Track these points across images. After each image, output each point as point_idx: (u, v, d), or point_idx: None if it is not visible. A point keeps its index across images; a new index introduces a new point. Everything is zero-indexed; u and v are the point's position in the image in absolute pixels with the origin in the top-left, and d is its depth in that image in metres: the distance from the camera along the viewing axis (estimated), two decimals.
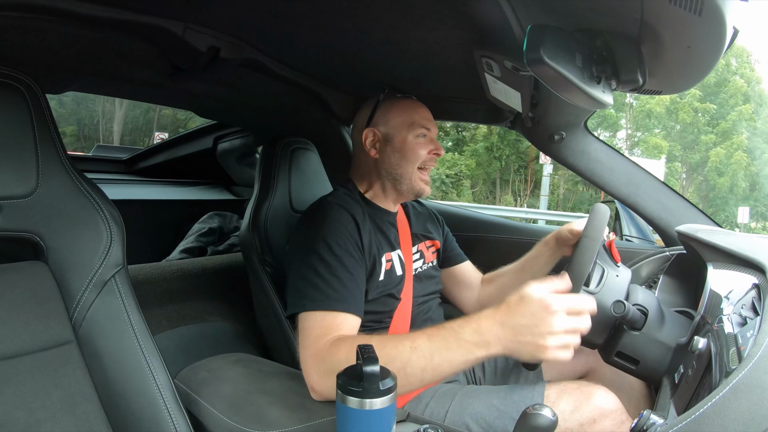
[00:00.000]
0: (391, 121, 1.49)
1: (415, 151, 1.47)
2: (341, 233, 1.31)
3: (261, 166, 1.81)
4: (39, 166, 0.98)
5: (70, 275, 0.99)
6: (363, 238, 1.35)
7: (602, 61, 0.88)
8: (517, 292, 1.07)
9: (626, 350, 1.19)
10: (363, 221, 1.38)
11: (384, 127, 1.49)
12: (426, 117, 1.52)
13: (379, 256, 1.40)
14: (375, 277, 1.37)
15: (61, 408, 0.91)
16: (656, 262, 1.81)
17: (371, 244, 1.38)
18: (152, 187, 2.82)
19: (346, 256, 1.28)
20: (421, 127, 1.49)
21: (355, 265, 1.29)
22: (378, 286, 1.38)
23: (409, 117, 1.49)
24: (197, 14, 1.25)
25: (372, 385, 0.86)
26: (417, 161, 1.47)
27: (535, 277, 1.53)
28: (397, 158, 1.48)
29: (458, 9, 1.09)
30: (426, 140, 1.50)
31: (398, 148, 1.47)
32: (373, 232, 1.41)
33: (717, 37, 0.73)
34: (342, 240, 1.30)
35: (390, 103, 1.51)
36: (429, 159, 1.50)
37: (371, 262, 1.37)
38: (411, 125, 1.48)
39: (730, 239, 1.29)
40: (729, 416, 0.66)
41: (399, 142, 1.47)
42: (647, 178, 1.84)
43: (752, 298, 1.03)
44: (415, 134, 1.48)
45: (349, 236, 1.32)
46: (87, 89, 1.82)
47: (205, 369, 1.36)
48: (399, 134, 1.48)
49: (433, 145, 1.50)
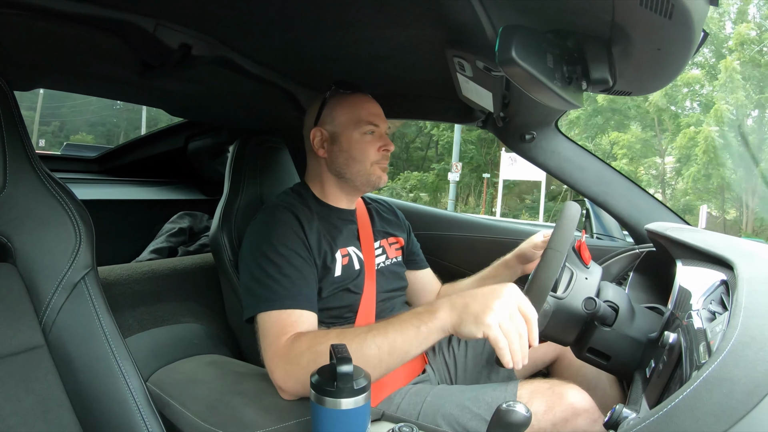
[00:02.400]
0: (337, 120, 1.47)
1: (363, 149, 1.46)
2: (286, 234, 1.32)
3: (231, 165, 1.80)
4: (6, 165, 0.95)
5: (39, 277, 0.97)
6: (309, 238, 1.35)
7: (573, 62, 0.90)
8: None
9: (598, 346, 1.21)
10: (310, 221, 1.38)
11: (330, 126, 1.48)
12: (373, 112, 1.50)
13: (332, 252, 1.40)
14: (330, 273, 1.38)
15: (33, 414, 0.89)
16: (626, 260, 1.84)
17: (320, 242, 1.38)
18: (122, 186, 2.77)
19: (292, 256, 1.29)
20: (367, 124, 1.46)
21: (302, 263, 1.30)
22: (334, 281, 1.38)
23: (355, 114, 1.47)
24: (169, 11, 1.24)
25: (346, 384, 0.86)
26: (366, 160, 1.46)
27: None
28: (345, 158, 1.46)
29: (431, 8, 1.09)
30: (374, 137, 1.48)
31: (345, 147, 1.46)
32: (324, 231, 1.41)
33: (686, 40, 0.75)
34: (287, 240, 1.31)
35: (336, 100, 1.49)
36: (380, 157, 1.48)
37: (322, 260, 1.37)
38: (357, 123, 1.46)
39: (698, 236, 1.31)
40: (700, 408, 0.68)
41: (345, 141, 1.46)
42: (617, 178, 1.87)
43: (720, 294, 1.05)
44: (362, 132, 1.46)
45: (295, 236, 1.33)
46: (56, 86, 1.78)
47: (178, 371, 1.34)
48: (345, 133, 1.46)
49: (382, 141, 1.49)
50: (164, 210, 2.58)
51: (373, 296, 1.46)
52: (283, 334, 1.18)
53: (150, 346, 1.59)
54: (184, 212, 2.59)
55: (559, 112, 1.79)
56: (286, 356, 1.14)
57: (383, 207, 1.75)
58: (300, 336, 1.16)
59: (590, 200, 1.93)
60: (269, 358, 1.18)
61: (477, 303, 1.04)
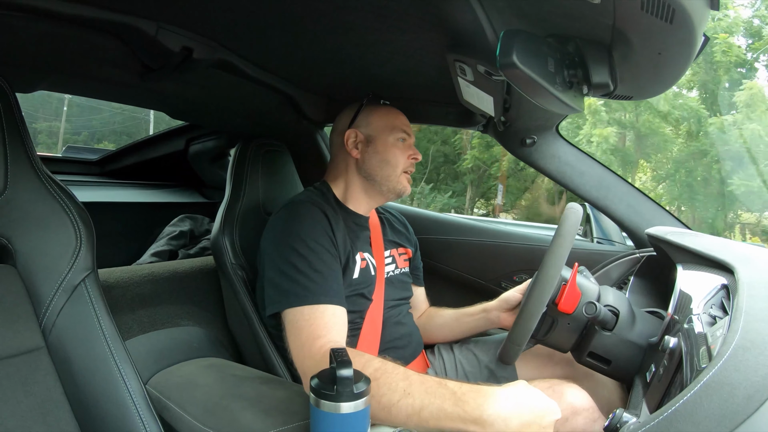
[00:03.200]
0: (373, 124, 1.53)
1: (395, 154, 1.51)
2: (315, 229, 1.33)
3: (233, 168, 1.80)
4: (7, 167, 0.95)
5: (39, 279, 0.97)
6: (336, 236, 1.37)
7: (574, 66, 0.90)
8: (527, 387, 1.05)
9: (598, 350, 1.21)
10: (336, 219, 1.40)
11: (366, 129, 1.53)
12: (406, 123, 1.57)
13: (353, 254, 1.42)
14: (349, 274, 1.39)
15: (31, 416, 0.89)
16: (627, 264, 1.84)
17: (345, 241, 1.40)
18: (123, 189, 2.77)
19: (322, 251, 1.30)
20: (401, 132, 1.53)
21: (331, 260, 1.31)
22: (352, 284, 1.39)
23: (390, 121, 1.53)
24: (170, 14, 1.24)
25: (346, 388, 0.86)
26: (397, 165, 1.51)
27: (465, 333, 1.67)
28: (378, 160, 1.51)
29: (432, 13, 1.09)
30: (405, 145, 1.54)
31: (379, 149, 1.51)
32: (346, 232, 1.43)
33: (687, 45, 0.75)
34: (317, 235, 1.31)
35: (372, 108, 1.56)
36: (409, 164, 1.54)
37: (345, 259, 1.38)
38: (392, 129, 1.52)
39: (699, 241, 1.31)
40: (700, 413, 0.68)
41: (380, 144, 1.51)
42: (617, 182, 1.87)
43: (721, 298, 1.05)
44: (396, 138, 1.52)
45: (323, 232, 1.34)
46: (56, 88, 1.78)
47: (178, 374, 1.34)
48: (380, 136, 1.51)
49: (412, 150, 1.55)
50: (165, 213, 2.58)
51: (381, 304, 1.47)
52: (318, 337, 1.17)
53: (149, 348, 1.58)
54: (184, 215, 2.59)
55: (559, 117, 1.79)
56: (317, 365, 1.10)
57: (395, 218, 1.78)
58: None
59: (590, 204, 1.93)
60: (300, 359, 1.18)
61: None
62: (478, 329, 1.65)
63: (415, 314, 1.78)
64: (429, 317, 1.78)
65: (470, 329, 1.66)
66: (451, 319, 1.71)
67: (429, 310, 1.83)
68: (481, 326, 1.64)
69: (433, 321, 1.75)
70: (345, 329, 1.25)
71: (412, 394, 1.02)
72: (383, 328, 1.45)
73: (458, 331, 1.69)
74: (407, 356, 1.51)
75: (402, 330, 1.52)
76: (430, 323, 1.75)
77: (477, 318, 1.64)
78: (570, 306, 1.23)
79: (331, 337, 1.18)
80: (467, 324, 1.66)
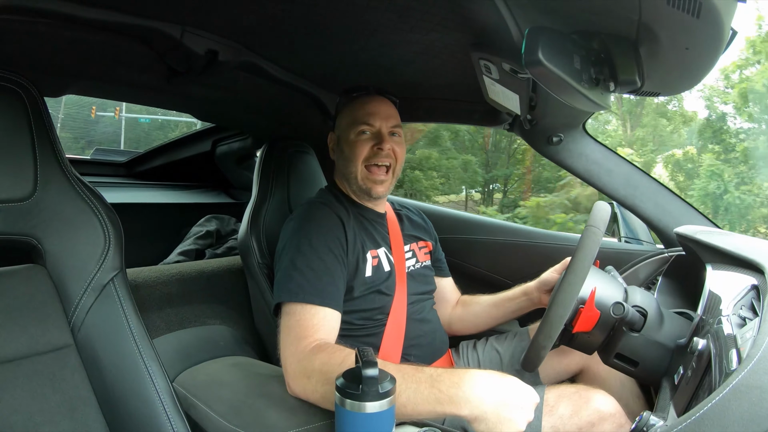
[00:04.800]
0: (341, 123, 1.51)
1: (354, 149, 1.46)
2: (323, 229, 1.33)
3: (259, 169, 1.81)
4: (37, 169, 0.97)
5: (68, 279, 0.99)
6: (348, 235, 1.37)
7: (600, 63, 0.89)
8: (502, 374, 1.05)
9: (625, 352, 1.19)
10: (347, 219, 1.40)
11: (338, 130, 1.52)
12: (370, 111, 1.47)
13: (364, 252, 1.41)
14: (360, 274, 1.38)
15: (59, 412, 0.91)
16: (655, 264, 1.81)
17: (356, 240, 1.39)
18: (150, 190, 2.81)
19: (324, 251, 1.30)
20: (362, 124, 1.45)
21: (333, 260, 1.30)
22: (365, 282, 1.39)
23: (351, 116, 1.48)
24: (195, 18, 1.25)
25: (371, 388, 0.86)
26: (357, 160, 1.46)
27: (506, 316, 1.64)
28: (343, 159, 1.50)
29: (455, 12, 1.09)
30: (369, 137, 1.46)
31: (344, 149, 1.49)
32: (358, 230, 1.43)
33: (715, 39, 0.74)
34: (323, 236, 1.32)
35: (344, 104, 1.53)
36: (372, 155, 1.46)
37: (355, 260, 1.38)
38: (353, 123, 1.47)
39: (728, 240, 1.29)
40: (729, 417, 0.66)
41: (344, 143, 1.49)
42: (645, 180, 1.84)
43: (751, 299, 1.03)
44: (356, 132, 1.46)
45: (332, 234, 1.34)
46: (85, 92, 1.81)
47: (204, 372, 1.36)
48: (344, 135, 1.49)
49: (375, 140, 1.46)
50: (192, 213, 2.61)
51: (404, 299, 1.46)
52: (304, 337, 1.18)
53: (176, 347, 1.60)
54: (211, 215, 2.62)
55: (586, 114, 1.77)
56: (301, 361, 1.13)
57: (413, 213, 1.76)
58: (319, 350, 1.14)
59: (618, 203, 1.91)
60: (286, 356, 1.18)
61: (507, 407, 0.99)
62: (521, 312, 1.64)
63: (447, 306, 1.78)
64: (464, 305, 1.77)
65: (512, 312, 1.65)
66: (489, 305, 1.69)
67: (463, 298, 1.81)
68: (523, 308, 1.62)
69: (470, 309, 1.74)
70: (335, 333, 1.25)
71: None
72: (407, 324, 1.45)
73: (499, 315, 1.67)
74: (431, 354, 1.51)
75: (425, 327, 1.51)
76: (467, 311, 1.74)
77: (518, 301, 1.62)
78: (587, 326, 1.21)
79: (319, 337, 1.19)
80: (508, 308, 1.64)
